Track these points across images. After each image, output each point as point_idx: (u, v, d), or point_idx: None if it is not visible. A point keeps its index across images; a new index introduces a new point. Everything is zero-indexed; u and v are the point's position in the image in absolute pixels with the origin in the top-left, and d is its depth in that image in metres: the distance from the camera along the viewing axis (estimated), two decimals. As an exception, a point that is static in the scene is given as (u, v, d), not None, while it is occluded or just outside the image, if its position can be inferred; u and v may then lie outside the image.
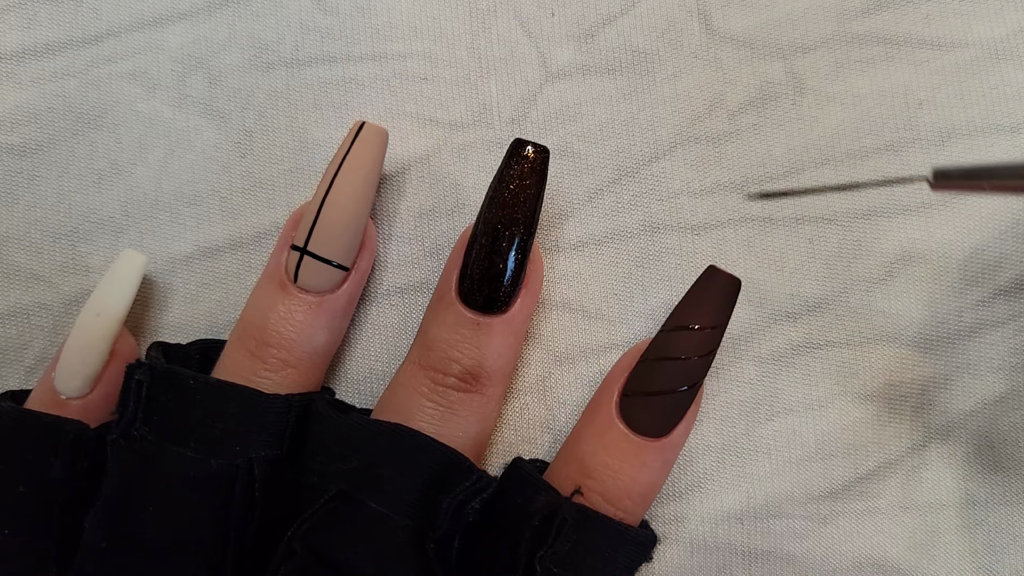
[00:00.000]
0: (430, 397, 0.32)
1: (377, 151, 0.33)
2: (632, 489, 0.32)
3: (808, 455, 0.36)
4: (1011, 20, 0.37)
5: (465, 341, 0.32)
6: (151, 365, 0.31)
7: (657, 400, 0.31)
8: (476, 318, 0.32)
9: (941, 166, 0.27)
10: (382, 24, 0.37)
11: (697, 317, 0.31)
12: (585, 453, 0.32)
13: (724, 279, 0.32)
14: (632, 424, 0.31)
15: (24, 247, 0.36)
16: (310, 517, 0.30)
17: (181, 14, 0.37)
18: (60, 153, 0.37)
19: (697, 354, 0.31)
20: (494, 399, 0.33)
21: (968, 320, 0.36)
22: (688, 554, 0.36)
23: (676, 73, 0.37)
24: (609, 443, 0.32)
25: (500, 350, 0.32)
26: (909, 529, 0.36)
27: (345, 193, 0.32)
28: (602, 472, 0.31)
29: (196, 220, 0.37)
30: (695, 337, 0.31)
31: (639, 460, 0.31)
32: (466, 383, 0.32)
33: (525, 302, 0.33)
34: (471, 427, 0.32)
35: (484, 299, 0.32)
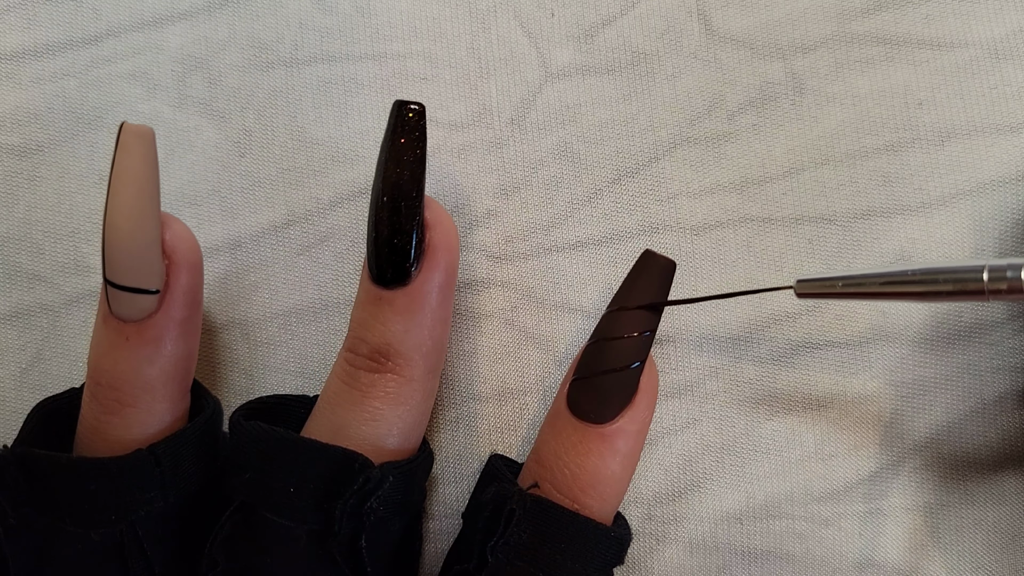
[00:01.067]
0: (345, 380, 0.31)
1: (141, 155, 0.29)
2: (580, 477, 0.31)
3: (808, 455, 0.36)
4: (1011, 20, 0.37)
5: (371, 318, 0.31)
6: (2, 454, 0.30)
7: (599, 383, 0.31)
8: (378, 292, 0.31)
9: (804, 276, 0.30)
10: (381, 24, 0.37)
11: (634, 297, 0.31)
12: (539, 443, 0.32)
13: (660, 261, 0.32)
14: (574, 409, 0.31)
15: (25, 247, 0.36)
16: (222, 527, 0.30)
17: (181, 14, 0.37)
18: (60, 154, 0.37)
19: (636, 331, 0.31)
20: (412, 380, 0.31)
21: (968, 320, 0.36)
22: (688, 554, 0.36)
23: (676, 73, 0.37)
24: (558, 431, 0.31)
25: (407, 325, 0.31)
26: (910, 530, 0.36)
27: (119, 212, 0.28)
28: (552, 461, 0.31)
29: (196, 220, 0.37)
30: (634, 316, 0.31)
31: (584, 447, 0.31)
32: (376, 362, 0.31)
33: (431, 274, 0.31)
34: (385, 410, 0.31)
35: (379, 271, 0.30)
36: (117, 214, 0.28)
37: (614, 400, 0.31)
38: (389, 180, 0.30)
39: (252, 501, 0.30)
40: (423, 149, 0.30)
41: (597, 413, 0.31)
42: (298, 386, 0.36)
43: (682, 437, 0.36)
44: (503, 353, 0.36)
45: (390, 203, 0.30)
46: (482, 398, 0.36)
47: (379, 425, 0.31)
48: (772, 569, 0.36)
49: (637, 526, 0.36)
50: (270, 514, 0.30)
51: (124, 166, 0.28)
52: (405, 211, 0.30)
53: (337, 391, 0.31)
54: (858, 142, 0.36)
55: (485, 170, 0.37)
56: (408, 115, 0.30)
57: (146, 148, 0.29)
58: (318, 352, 0.37)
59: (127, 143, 0.28)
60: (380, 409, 0.31)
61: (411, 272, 0.31)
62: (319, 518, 0.30)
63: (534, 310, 0.37)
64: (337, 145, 0.37)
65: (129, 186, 0.28)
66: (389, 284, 0.30)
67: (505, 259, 0.37)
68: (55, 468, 0.29)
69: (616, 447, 0.31)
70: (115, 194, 0.28)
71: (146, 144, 0.29)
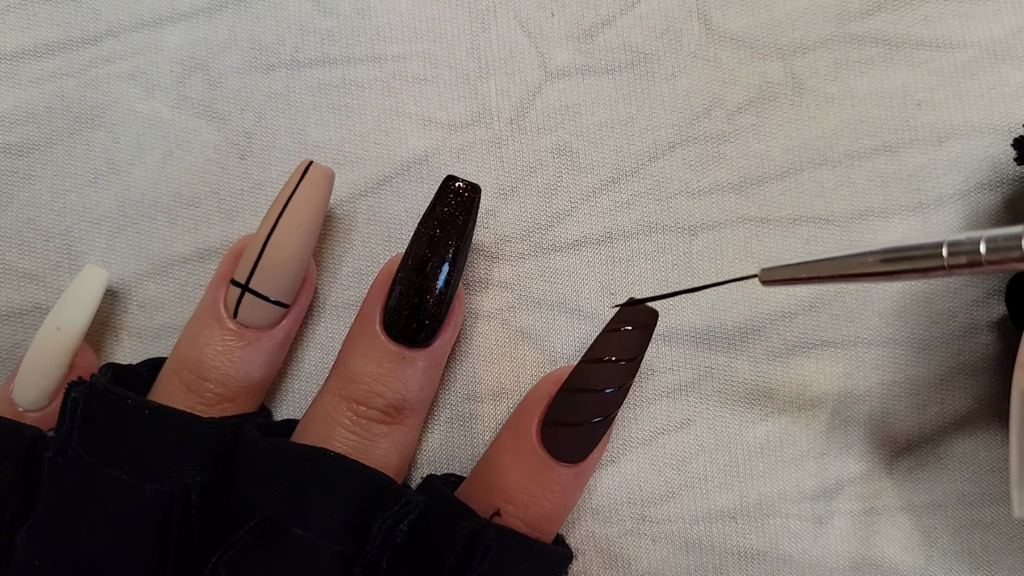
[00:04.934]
0: (352, 429, 0.32)
1: (323, 192, 0.33)
2: (553, 513, 0.32)
3: (802, 454, 0.36)
4: (1009, 21, 0.37)
5: (389, 375, 0.32)
6: (91, 383, 0.31)
7: (580, 430, 0.32)
8: (401, 352, 0.32)
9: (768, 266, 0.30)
10: (382, 25, 0.37)
11: (615, 350, 0.32)
12: (507, 480, 0.32)
13: (642, 313, 0.32)
14: (554, 452, 0.32)
15: (17, 246, 0.36)
16: (235, 543, 0.30)
17: (181, 15, 0.37)
18: (56, 152, 0.36)
19: (615, 386, 0.32)
20: (414, 429, 0.33)
21: (962, 320, 0.36)
22: (683, 554, 0.36)
23: (675, 73, 0.37)
24: (533, 471, 0.32)
25: (422, 382, 0.32)
26: (905, 529, 0.36)
27: (290, 234, 0.32)
28: (525, 499, 0.32)
29: (194, 221, 0.36)
30: (613, 369, 0.32)
31: (560, 486, 0.32)
32: (388, 416, 0.32)
33: (448, 335, 0.33)
34: (392, 457, 0.32)
35: (411, 334, 0.32)
36: (287, 236, 0.32)
37: (592, 442, 0.32)
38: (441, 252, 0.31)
39: (280, 517, 0.30)
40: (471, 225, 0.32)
41: (578, 455, 0.32)
42: (296, 387, 0.36)
43: (676, 437, 0.36)
44: (500, 353, 0.37)
45: (437, 274, 0.31)
46: (478, 398, 0.36)
47: (386, 471, 0.32)
48: (768, 569, 0.36)
49: (632, 527, 0.36)
50: (299, 530, 0.30)
51: (306, 197, 0.32)
52: (447, 283, 0.31)
53: (341, 438, 0.32)
54: (856, 142, 0.37)
55: (484, 170, 0.37)
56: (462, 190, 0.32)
57: (328, 188, 0.33)
58: (316, 354, 0.37)
59: (315, 179, 0.32)
60: (387, 457, 0.32)
61: (436, 336, 0.32)
62: (350, 537, 0.30)
63: (531, 310, 0.37)
64: (337, 147, 0.37)
65: (306, 215, 0.32)
66: (413, 345, 0.32)
67: (503, 259, 0.37)
68: (143, 409, 0.31)
69: (583, 480, 0.33)
70: (290, 218, 0.32)
71: (329, 184, 0.33)
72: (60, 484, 0.30)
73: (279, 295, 0.32)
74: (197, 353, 0.32)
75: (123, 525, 0.30)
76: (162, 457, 0.30)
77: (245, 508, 0.30)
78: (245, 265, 0.32)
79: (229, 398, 0.32)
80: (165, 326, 0.36)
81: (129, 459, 0.30)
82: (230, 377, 0.32)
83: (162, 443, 0.30)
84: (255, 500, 0.30)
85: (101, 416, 0.30)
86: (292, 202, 0.32)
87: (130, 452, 0.30)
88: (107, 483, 0.30)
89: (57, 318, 0.33)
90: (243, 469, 0.31)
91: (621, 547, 0.36)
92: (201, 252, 0.36)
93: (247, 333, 0.32)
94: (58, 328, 0.33)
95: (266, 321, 0.33)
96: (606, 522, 0.36)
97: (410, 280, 0.31)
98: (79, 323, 0.33)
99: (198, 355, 0.32)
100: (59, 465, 0.30)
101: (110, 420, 0.30)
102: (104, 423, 0.30)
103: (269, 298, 0.32)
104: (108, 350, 0.36)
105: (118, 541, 0.30)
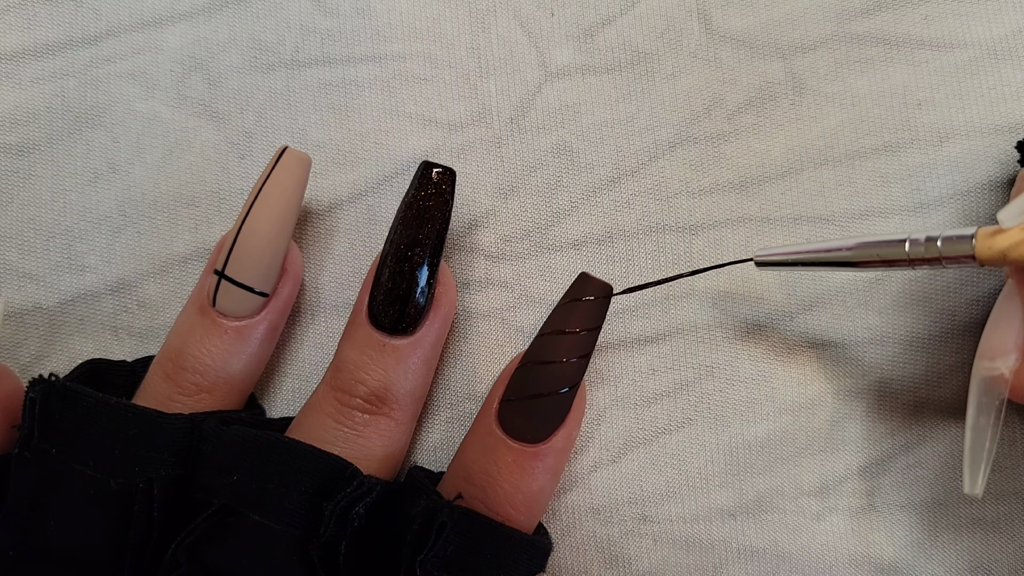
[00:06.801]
0: (336, 419, 0.32)
1: (298, 178, 0.33)
2: (514, 496, 0.32)
3: (801, 452, 0.36)
4: (1009, 20, 0.37)
5: (372, 363, 0.32)
6: (50, 383, 0.31)
7: (535, 405, 0.32)
8: (383, 339, 0.32)
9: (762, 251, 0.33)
10: (382, 25, 0.37)
11: (572, 321, 0.32)
12: (467, 460, 0.32)
13: (597, 284, 0.32)
14: (510, 430, 0.32)
15: (17, 246, 0.36)
16: (193, 531, 0.30)
17: (181, 15, 0.37)
18: (57, 152, 0.36)
19: (573, 356, 0.32)
20: (403, 423, 0.33)
21: (961, 319, 0.36)
22: (684, 553, 0.36)
23: (675, 73, 0.37)
24: (489, 450, 0.32)
25: (407, 373, 0.32)
26: (905, 527, 0.36)
27: (263, 220, 0.32)
28: (483, 479, 0.31)
29: (194, 221, 0.36)
30: (570, 340, 0.32)
31: (519, 467, 0.32)
32: (372, 405, 0.32)
33: (435, 325, 0.33)
34: (376, 450, 0.32)
35: (391, 321, 0.32)
36: (260, 220, 0.32)
37: (550, 422, 0.32)
38: (417, 238, 0.31)
39: (236, 503, 0.30)
40: (448, 210, 0.32)
41: (533, 435, 0.32)
42: (293, 387, 0.36)
43: (676, 436, 0.36)
44: (499, 353, 0.37)
45: (416, 259, 0.32)
46: (478, 398, 0.36)
47: (369, 463, 0.32)
48: (767, 566, 0.36)
49: (632, 526, 0.36)
50: (255, 515, 0.30)
51: (279, 181, 0.32)
52: (426, 269, 0.32)
53: (326, 427, 0.32)
54: (857, 142, 0.37)
55: (484, 170, 0.37)
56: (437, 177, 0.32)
57: (302, 172, 0.33)
58: (314, 354, 0.37)
59: (288, 163, 0.32)
60: (371, 448, 0.32)
61: (418, 324, 0.32)
62: (305, 520, 0.30)
63: (531, 310, 0.37)
64: (337, 147, 0.37)
65: (278, 199, 0.32)
66: (395, 333, 0.32)
67: (503, 259, 0.37)
68: (101, 406, 0.31)
69: (548, 464, 0.32)
70: (263, 203, 0.32)
71: (303, 168, 0.33)
72: (26, 478, 0.30)
73: (256, 283, 0.32)
74: (179, 342, 0.32)
75: (88, 517, 0.30)
76: (125, 453, 0.30)
77: (204, 496, 0.31)
78: (223, 252, 0.32)
79: (206, 388, 0.32)
80: (165, 326, 0.36)
81: (92, 455, 0.30)
82: (207, 367, 0.32)
83: (124, 439, 0.30)
84: (213, 488, 0.31)
85: (63, 413, 0.30)
86: (265, 188, 0.32)
87: (93, 448, 0.30)
88: (72, 478, 0.30)
89: None
90: (203, 459, 0.31)
91: (622, 547, 0.36)
92: (201, 252, 0.36)
93: (226, 322, 0.32)
94: None
95: (244, 310, 0.33)
96: (607, 522, 0.36)
97: (390, 268, 0.32)
98: None
99: (179, 344, 0.32)
100: (25, 459, 0.30)
101: (72, 417, 0.30)
102: (66, 420, 0.30)
103: (246, 285, 0.32)
104: (108, 350, 0.36)
105: (83, 530, 0.30)
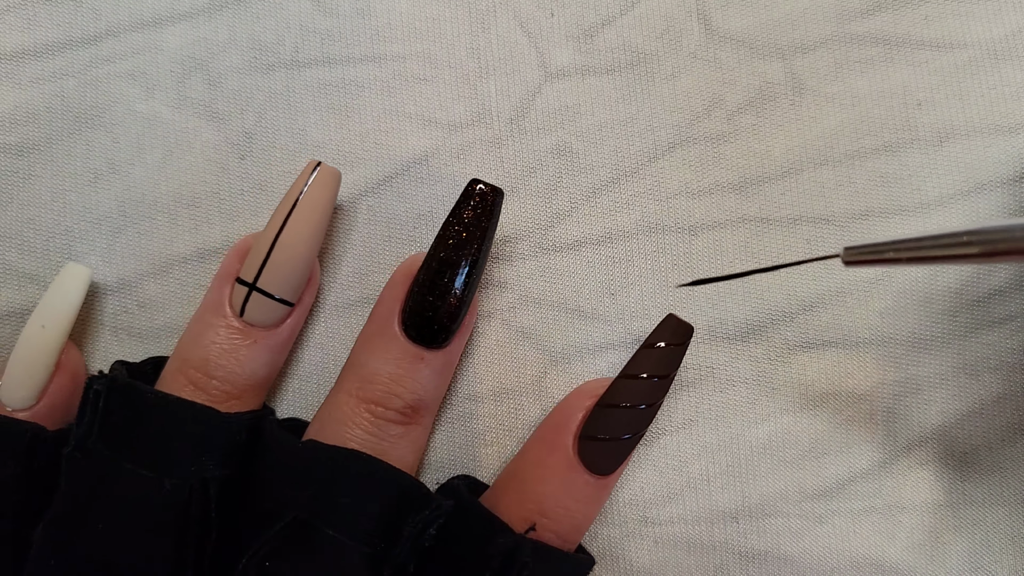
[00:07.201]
0: (370, 431, 0.32)
1: (331, 193, 0.33)
2: (583, 525, 0.33)
3: (802, 454, 0.36)
4: (1009, 21, 0.37)
5: (407, 375, 0.32)
6: (112, 377, 0.31)
7: (615, 445, 0.32)
8: (420, 352, 0.32)
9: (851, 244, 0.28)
10: (381, 25, 0.37)
11: (652, 366, 0.32)
12: (544, 495, 0.32)
13: (680, 327, 0.33)
14: (592, 467, 0.32)
15: (18, 246, 0.36)
16: (266, 543, 0.30)
17: (181, 15, 0.37)
18: (56, 152, 0.36)
19: (648, 402, 0.32)
20: (428, 428, 0.34)
21: (964, 320, 0.36)
22: (685, 554, 0.36)
23: (675, 73, 0.37)
24: (571, 486, 0.32)
25: (438, 382, 0.33)
26: (907, 529, 0.36)
27: (299, 234, 0.32)
28: (560, 512, 0.32)
29: (194, 222, 0.36)
30: (647, 386, 0.32)
31: (595, 500, 0.33)
32: (406, 416, 0.32)
33: (464, 335, 0.33)
34: (407, 456, 0.33)
35: (431, 334, 0.32)
36: (296, 236, 0.32)
37: (625, 455, 0.33)
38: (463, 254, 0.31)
39: (311, 517, 0.30)
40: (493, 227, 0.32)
41: (610, 468, 0.32)
42: (295, 387, 0.36)
43: (677, 438, 0.36)
44: (500, 353, 0.37)
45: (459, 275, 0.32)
46: (479, 398, 0.36)
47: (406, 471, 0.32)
48: (769, 569, 0.36)
49: (634, 528, 0.36)
50: (330, 530, 0.30)
51: (314, 197, 0.32)
52: (467, 284, 0.32)
53: (360, 440, 0.32)
54: (857, 142, 0.37)
55: (484, 170, 0.37)
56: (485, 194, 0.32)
57: (335, 188, 0.33)
58: (315, 354, 0.36)
59: (323, 179, 0.32)
60: (404, 457, 0.33)
61: (454, 336, 0.32)
62: (380, 539, 0.30)
63: (531, 310, 0.37)
64: (337, 147, 0.37)
65: (313, 215, 0.32)
66: (432, 345, 0.32)
67: (503, 259, 0.37)
68: (162, 402, 0.31)
69: (609, 492, 0.34)
70: (298, 219, 0.32)
71: (336, 185, 0.33)
72: (79, 479, 0.30)
73: (286, 294, 0.33)
74: (203, 351, 0.32)
75: (142, 520, 0.30)
76: (181, 452, 0.30)
77: (275, 507, 0.31)
78: (253, 264, 0.32)
79: (236, 395, 0.32)
80: (165, 326, 0.36)
81: (148, 454, 0.30)
82: (236, 375, 0.32)
83: (181, 437, 0.31)
84: (285, 500, 0.31)
85: (121, 411, 0.30)
86: (301, 202, 0.32)
87: (149, 447, 0.30)
88: (126, 478, 0.30)
89: (41, 317, 0.33)
90: (272, 468, 0.31)
91: (623, 548, 0.36)
92: (201, 252, 0.36)
93: (253, 331, 0.33)
94: (43, 326, 0.33)
95: (272, 320, 0.33)
96: (608, 524, 0.36)
97: (432, 282, 0.32)
98: (63, 321, 0.33)
99: (204, 353, 0.32)
100: (78, 460, 0.30)
101: (130, 414, 0.30)
102: (124, 417, 0.30)
103: (276, 297, 0.32)
104: (108, 350, 0.36)
105: (137, 536, 0.30)
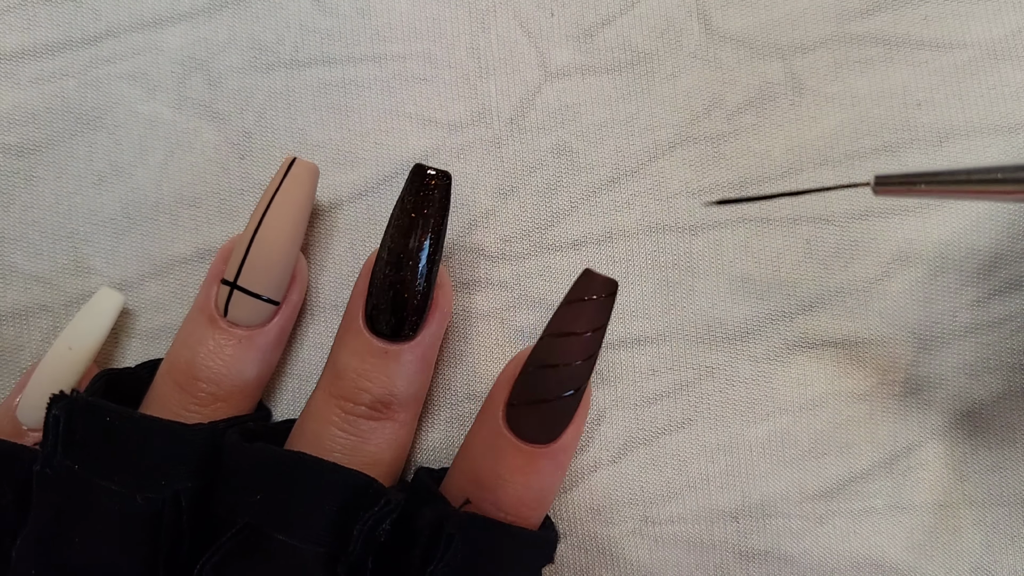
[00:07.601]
0: (341, 427, 0.32)
1: (308, 188, 0.33)
2: (525, 496, 0.32)
3: (802, 454, 0.36)
4: (1009, 21, 0.37)
5: (374, 370, 0.32)
6: (72, 399, 0.30)
7: (544, 407, 0.31)
8: (384, 346, 0.32)
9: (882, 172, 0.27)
10: (381, 25, 0.37)
11: (579, 322, 0.31)
12: (476, 465, 0.32)
13: (602, 281, 0.31)
14: (520, 434, 0.31)
15: (21, 247, 0.36)
16: (218, 550, 0.30)
17: (181, 15, 0.37)
18: (58, 154, 0.36)
19: (580, 359, 0.31)
20: (406, 425, 0.33)
21: (964, 320, 0.36)
22: (685, 554, 0.36)
23: (675, 73, 0.37)
24: (499, 454, 0.31)
25: (410, 376, 0.32)
26: (907, 529, 0.36)
27: (276, 230, 0.32)
28: (493, 481, 0.31)
29: (195, 222, 0.37)
30: (577, 342, 0.31)
31: (531, 468, 0.31)
32: (377, 411, 0.32)
33: (433, 328, 0.32)
34: (383, 454, 0.32)
35: (391, 328, 0.31)
36: (273, 233, 0.32)
37: (559, 423, 0.31)
38: (415, 243, 0.31)
39: (261, 522, 0.30)
40: (445, 214, 0.31)
41: (547, 435, 0.31)
42: (294, 387, 0.36)
43: (677, 437, 0.36)
44: (500, 353, 0.37)
45: (413, 265, 0.31)
46: (478, 398, 0.36)
47: (378, 468, 0.32)
48: (770, 569, 0.36)
49: (634, 527, 0.36)
50: (281, 535, 0.30)
51: (290, 192, 0.32)
52: (425, 274, 0.31)
53: (332, 436, 0.32)
54: (856, 142, 0.37)
55: (484, 170, 0.37)
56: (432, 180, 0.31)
57: (312, 183, 0.33)
58: (314, 354, 0.37)
59: (299, 175, 0.32)
60: (378, 454, 0.32)
61: (418, 329, 0.32)
62: (332, 539, 0.30)
63: (531, 310, 0.37)
64: (337, 147, 0.37)
65: (290, 211, 0.32)
66: (395, 339, 0.32)
67: (503, 259, 0.37)
68: (126, 421, 0.30)
69: (558, 462, 0.32)
70: (274, 214, 0.32)
71: (313, 180, 0.33)
72: (49, 496, 0.30)
73: (268, 292, 0.32)
74: (189, 353, 0.32)
75: (115, 533, 0.30)
76: (151, 467, 0.30)
77: (228, 514, 0.30)
78: (233, 263, 0.32)
79: (222, 398, 0.32)
80: (166, 327, 0.36)
81: (118, 470, 0.30)
82: (222, 376, 0.32)
83: (149, 453, 0.30)
84: (237, 506, 0.30)
85: (86, 429, 0.30)
86: (276, 198, 0.32)
87: (118, 463, 0.30)
88: (97, 494, 0.30)
89: (69, 338, 0.33)
90: (225, 475, 0.31)
91: (623, 548, 0.36)
92: (202, 252, 0.36)
93: (238, 331, 0.32)
94: (70, 348, 0.33)
95: (257, 319, 0.33)
96: (608, 523, 0.36)
97: (386, 274, 0.31)
98: (91, 344, 0.33)
99: (190, 355, 0.32)
100: (48, 477, 0.30)
101: (95, 433, 0.30)
102: (89, 436, 0.30)
103: (258, 295, 0.32)
104: (108, 350, 0.36)
105: (111, 548, 0.30)
